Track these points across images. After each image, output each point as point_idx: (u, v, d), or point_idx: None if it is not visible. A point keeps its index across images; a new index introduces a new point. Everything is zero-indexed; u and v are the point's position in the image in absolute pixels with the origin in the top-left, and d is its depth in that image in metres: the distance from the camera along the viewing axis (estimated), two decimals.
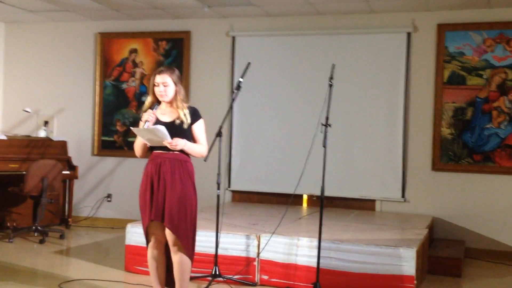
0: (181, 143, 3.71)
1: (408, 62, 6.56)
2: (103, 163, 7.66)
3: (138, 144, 3.86)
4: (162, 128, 3.64)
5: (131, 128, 3.79)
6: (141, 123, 3.80)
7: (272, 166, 6.95)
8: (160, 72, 3.79)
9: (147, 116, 3.72)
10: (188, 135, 3.79)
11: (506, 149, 6.24)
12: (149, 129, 3.66)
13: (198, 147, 3.85)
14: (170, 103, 3.82)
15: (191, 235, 3.79)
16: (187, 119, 3.78)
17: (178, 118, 3.78)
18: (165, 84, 3.77)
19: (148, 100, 3.87)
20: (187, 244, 3.76)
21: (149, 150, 3.87)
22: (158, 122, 3.76)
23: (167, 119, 3.79)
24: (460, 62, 6.40)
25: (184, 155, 3.80)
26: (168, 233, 3.74)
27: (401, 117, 6.54)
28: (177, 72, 3.86)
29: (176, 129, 3.73)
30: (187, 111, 3.81)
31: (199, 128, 3.87)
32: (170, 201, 3.70)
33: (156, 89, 3.78)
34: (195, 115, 3.85)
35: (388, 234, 5.11)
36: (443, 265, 5.32)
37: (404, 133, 6.55)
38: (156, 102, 3.84)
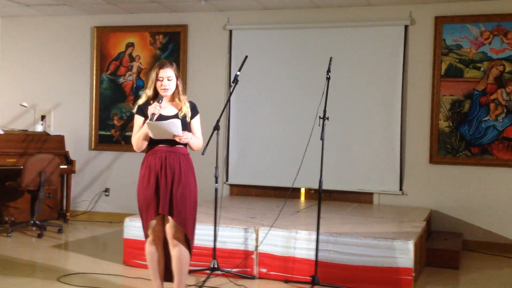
0: (189, 137, 3.71)
1: (406, 55, 6.56)
2: (101, 157, 7.65)
3: (141, 138, 3.75)
4: (178, 122, 3.61)
5: (147, 122, 3.66)
6: (137, 117, 3.77)
7: (269, 159, 6.95)
8: (163, 66, 3.75)
9: (154, 109, 3.68)
10: (188, 128, 3.79)
11: (503, 142, 6.25)
12: (164, 123, 3.59)
13: (197, 141, 3.85)
14: (171, 96, 3.81)
15: (194, 228, 3.80)
16: (189, 113, 3.78)
17: (182, 111, 3.77)
18: (169, 78, 3.74)
19: (147, 94, 3.82)
20: (191, 237, 3.76)
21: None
22: (160, 116, 3.71)
23: (169, 112, 3.77)
24: (457, 54, 6.40)
25: (185, 148, 3.80)
26: (170, 226, 3.72)
27: (399, 110, 6.54)
28: (175, 65, 3.86)
29: (180, 123, 3.71)
30: (188, 105, 3.81)
31: (197, 123, 3.88)
32: (176, 194, 3.68)
33: (159, 84, 3.75)
34: (194, 110, 3.86)
35: (386, 227, 5.12)
36: (441, 258, 5.34)
37: (402, 126, 6.55)
38: (161, 96, 3.78)
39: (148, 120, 3.67)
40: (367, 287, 4.39)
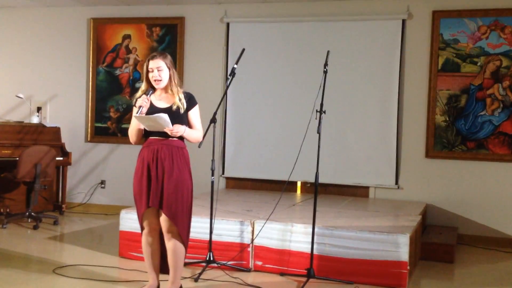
0: (181, 130, 3.69)
1: (403, 49, 6.55)
2: (97, 149, 7.64)
3: (133, 130, 3.79)
4: (165, 116, 3.60)
5: (134, 115, 3.69)
6: (135, 109, 3.77)
7: (266, 152, 6.95)
8: (153, 58, 3.75)
9: (141, 102, 3.69)
10: (184, 120, 3.77)
11: (499, 136, 6.26)
12: (151, 117, 3.60)
13: (196, 133, 3.84)
14: (165, 88, 3.79)
15: (186, 222, 3.79)
16: (183, 105, 3.76)
17: (175, 103, 3.75)
18: (159, 69, 3.73)
19: (142, 87, 3.83)
20: (183, 231, 3.76)
21: (143, 136, 3.84)
22: (154, 108, 3.71)
23: (163, 105, 3.76)
24: (454, 49, 6.39)
25: (181, 141, 3.79)
26: (163, 219, 3.73)
27: (395, 104, 6.54)
28: (169, 57, 3.83)
29: (174, 115, 3.69)
30: (182, 96, 3.78)
31: (195, 114, 3.85)
32: (168, 187, 3.68)
33: (150, 75, 3.75)
34: (191, 101, 3.83)
35: (382, 220, 5.13)
36: (436, 251, 5.36)
37: (398, 120, 6.56)
38: (150, 88, 3.80)
39: (135, 113, 3.68)
40: (363, 280, 4.41)
